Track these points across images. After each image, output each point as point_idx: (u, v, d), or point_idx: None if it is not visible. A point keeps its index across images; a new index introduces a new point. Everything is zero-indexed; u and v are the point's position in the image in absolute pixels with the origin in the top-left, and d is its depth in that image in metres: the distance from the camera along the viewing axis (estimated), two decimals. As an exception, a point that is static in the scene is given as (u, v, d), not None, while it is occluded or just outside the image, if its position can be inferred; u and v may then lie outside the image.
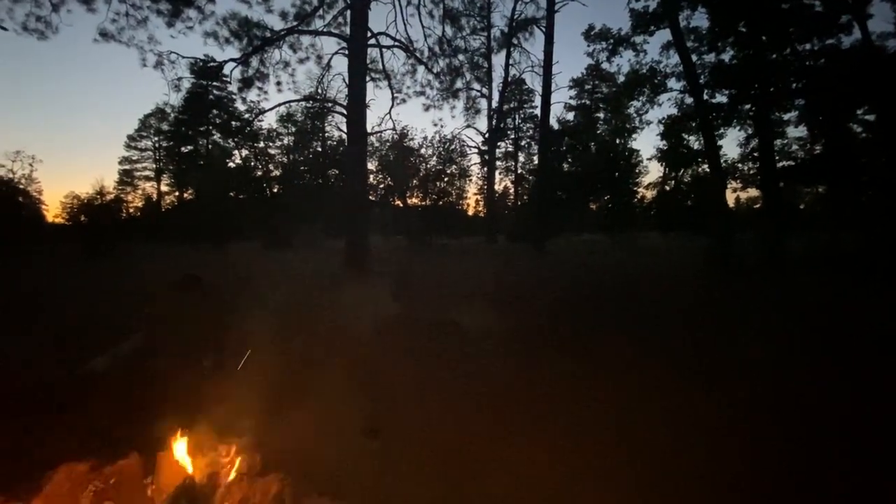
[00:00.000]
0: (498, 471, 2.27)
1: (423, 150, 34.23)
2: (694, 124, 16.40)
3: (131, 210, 33.79)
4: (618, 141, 29.65)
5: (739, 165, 21.92)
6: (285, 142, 34.97)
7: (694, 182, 23.17)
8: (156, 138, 35.06)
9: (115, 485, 1.67)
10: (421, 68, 14.71)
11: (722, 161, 16.13)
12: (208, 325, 4.08)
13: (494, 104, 27.55)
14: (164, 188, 35.72)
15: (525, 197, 35.88)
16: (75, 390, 3.06)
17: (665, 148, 27.28)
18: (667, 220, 23.47)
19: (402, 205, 33.56)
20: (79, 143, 61.00)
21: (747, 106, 14.71)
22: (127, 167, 35.17)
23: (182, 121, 32.26)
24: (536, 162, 32.34)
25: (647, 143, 66.54)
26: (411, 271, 11.74)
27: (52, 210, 28.65)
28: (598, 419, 2.88)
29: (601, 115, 30.89)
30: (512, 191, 40.35)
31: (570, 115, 32.20)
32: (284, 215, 25.73)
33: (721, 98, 14.66)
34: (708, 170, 16.27)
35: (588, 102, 31.49)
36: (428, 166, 34.71)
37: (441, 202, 34.64)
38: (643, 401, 3.17)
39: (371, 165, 26.92)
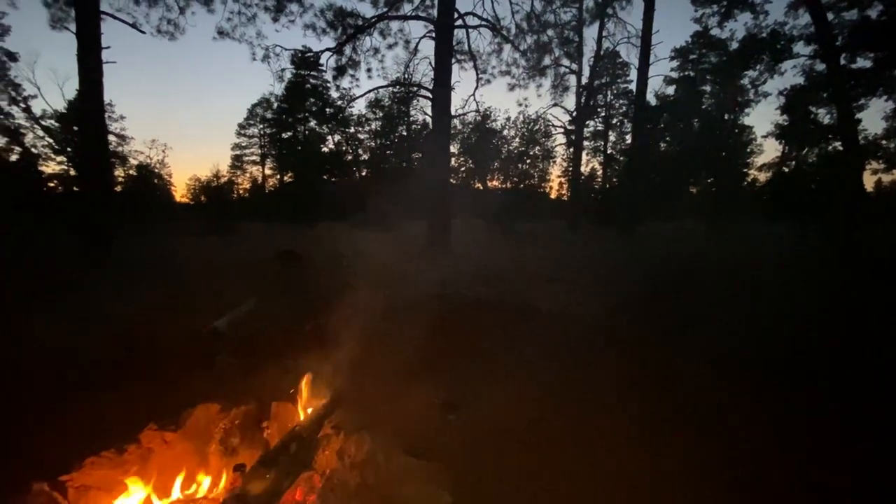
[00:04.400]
0: (572, 453, 2.26)
1: (505, 132, 33.72)
2: (825, 95, 14.06)
3: (241, 191, 37.81)
4: (726, 116, 26.50)
5: (884, 143, 18.46)
6: (373, 127, 36.52)
7: (821, 163, 20.02)
8: (261, 126, 38.50)
9: (238, 425, 1.95)
10: (507, 47, 14.37)
11: (860, 137, 13.70)
12: (307, 294, 4.50)
13: (584, 80, 26.03)
14: (267, 171, 39.35)
15: (614, 179, 33.77)
16: (203, 346, 3.58)
17: (786, 123, 23.88)
18: (784, 206, 20.60)
19: (482, 187, 33.53)
20: (201, 131, 69.22)
21: (898, 71, 12.30)
22: (237, 153, 39.17)
23: (283, 109, 35.06)
24: (629, 141, 30.19)
25: (762, 118, 58.58)
26: (491, 254, 11.75)
27: (179, 191, 33.02)
28: (682, 414, 2.71)
29: (707, 87, 27.72)
30: (600, 172, 38.20)
31: (671, 90, 29.36)
32: (371, 197, 27.04)
33: (863, 63, 12.40)
34: (841, 148, 13.94)
35: (692, 74, 28.34)
36: (510, 148, 34.15)
37: (522, 185, 33.99)
38: (735, 402, 2.91)
39: (453, 148, 27.15)
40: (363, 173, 35.45)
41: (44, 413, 2.49)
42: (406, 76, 15.85)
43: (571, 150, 30.94)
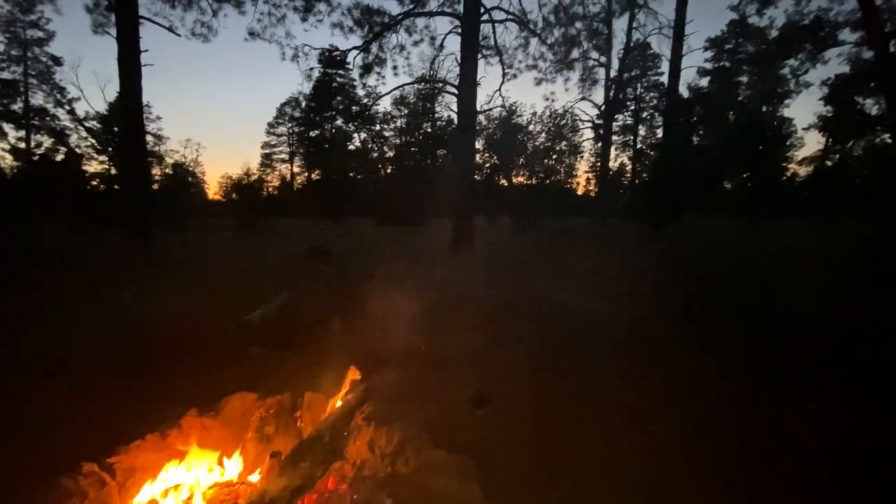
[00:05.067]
0: (601, 453, 2.22)
1: (531, 127, 33.29)
2: (872, 84, 13.26)
3: (270, 189, 38.75)
4: (764, 108, 25.39)
5: (938, 133, 17.24)
6: (398, 124, 36.73)
7: (868, 156, 18.91)
8: (289, 125, 39.35)
9: (273, 414, 2.00)
10: (534, 40, 14.16)
11: (912, 128, 12.84)
12: (335, 289, 4.58)
13: (613, 73, 25.42)
14: (295, 169, 40.19)
15: (644, 175, 32.88)
16: (237, 337, 3.69)
17: (830, 114, 22.68)
18: (827, 202, 19.56)
19: (507, 184, 33.26)
20: (232, 130, 71.36)
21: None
22: (267, 151, 40.15)
23: (311, 108, 35.73)
24: (660, 135, 29.35)
25: (804, 109, 55.55)
26: (515, 251, 11.66)
27: (212, 189, 34.11)
28: (709, 422, 2.62)
29: (744, 78, 26.60)
30: (629, 168, 37.25)
31: (704, 81, 28.36)
32: (396, 194, 27.26)
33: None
34: (889, 140, 13.13)
35: (728, 65, 27.26)
36: (536, 143, 33.72)
37: (549, 181, 33.52)
38: (778, 410, 2.79)
39: (478, 144, 26.99)
40: (388, 170, 35.73)
41: (91, 398, 2.63)
42: (431, 73, 15.85)
43: (599, 144, 30.24)
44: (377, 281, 5.33)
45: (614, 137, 33.11)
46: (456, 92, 12.24)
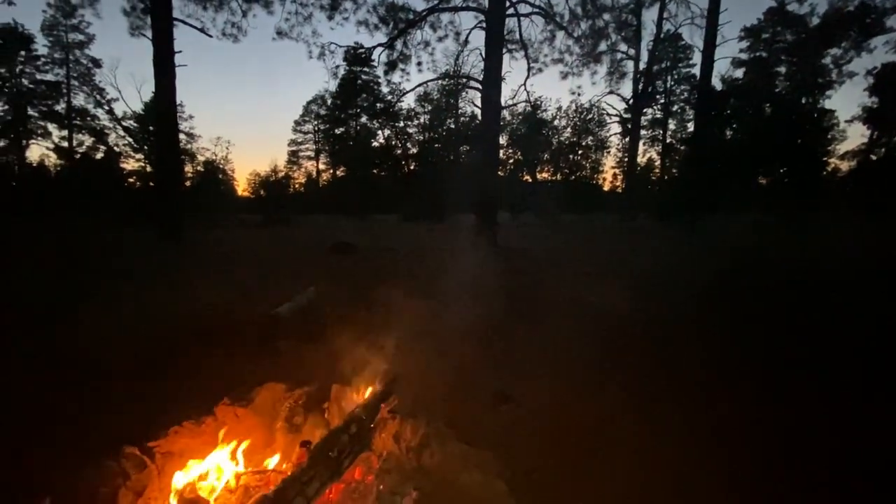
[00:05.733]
0: (621, 455, 2.19)
1: (556, 122, 32.82)
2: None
3: (297, 185, 39.54)
4: (804, 100, 24.21)
5: None
6: (422, 120, 36.84)
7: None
8: (315, 122, 40.01)
9: (302, 404, 2.05)
10: (560, 34, 13.95)
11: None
12: (361, 283, 4.64)
13: (642, 65, 24.75)
14: (321, 166, 40.86)
15: (674, 170, 31.96)
16: (266, 330, 3.79)
17: (876, 105, 21.46)
18: (871, 197, 18.54)
19: (531, 180, 32.93)
20: (261, 128, 73.16)
21: None
22: (293, 148, 40.97)
23: (336, 105, 36.22)
24: (691, 129, 28.44)
25: (846, 101, 52.67)
26: (539, 247, 11.55)
27: (241, 185, 35.03)
28: (746, 424, 2.53)
29: (782, 69, 25.41)
30: (658, 163, 36.25)
31: (739, 73, 27.23)
32: (419, 190, 27.39)
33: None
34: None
35: (764, 55, 26.11)
36: (561, 139, 33.23)
37: (574, 176, 33.02)
38: (806, 418, 2.67)
39: (502, 140, 26.80)
40: (412, 167, 35.91)
41: (130, 387, 2.75)
42: (455, 68, 15.82)
43: (627, 139, 29.60)
44: (401, 276, 5.38)
45: (643, 132, 32.36)
46: (480, 87, 12.17)
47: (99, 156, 25.73)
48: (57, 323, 4.05)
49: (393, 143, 37.00)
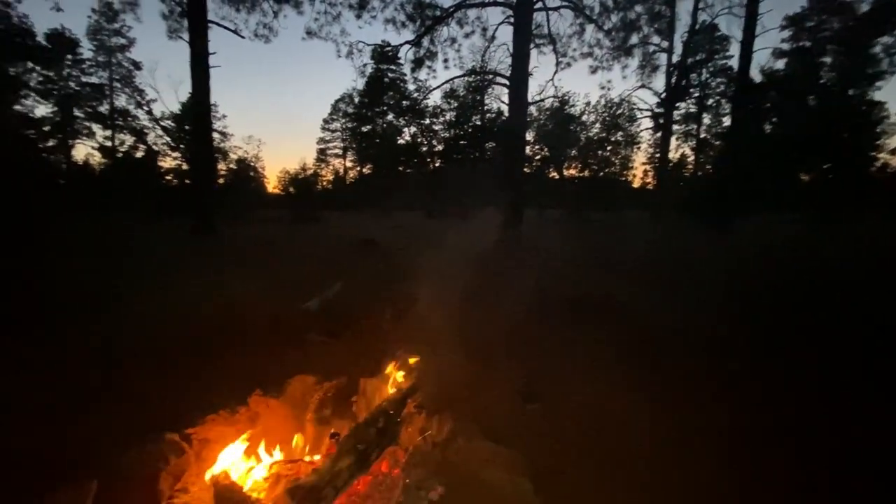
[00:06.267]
0: (651, 455, 2.15)
1: (584, 117, 32.16)
2: None
3: (325, 183, 40.24)
4: (851, 92, 22.90)
5: None
6: (447, 117, 36.82)
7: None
8: (343, 120, 40.56)
9: (331, 396, 2.09)
10: (590, 27, 13.66)
11: None
12: (386, 279, 4.69)
13: (676, 58, 23.95)
14: (348, 164, 41.45)
15: (708, 167, 30.85)
16: (296, 324, 3.88)
17: (931, 96, 20.05)
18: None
19: (558, 176, 32.43)
20: (291, 126, 74.80)
21: None
22: (322, 146, 41.68)
23: (363, 103, 36.64)
24: (727, 124, 27.36)
25: (897, 92, 49.37)
26: (565, 246, 11.37)
27: (271, 182, 35.86)
28: (779, 433, 2.42)
29: (827, 59, 24.07)
30: (691, 159, 35.06)
31: (780, 64, 25.95)
32: (444, 188, 27.42)
33: None
34: None
35: (808, 45, 24.79)
36: (589, 134, 32.56)
37: (602, 173, 32.32)
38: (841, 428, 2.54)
39: (528, 136, 26.47)
40: (437, 164, 35.98)
41: (167, 377, 2.87)
42: (482, 65, 15.72)
43: (658, 134, 28.71)
44: (426, 272, 5.39)
45: (675, 127, 31.30)
46: (507, 83, 12.06)
47: (139, 154, 26.89)
48: (101, 313, 4.27)
49: (418, 140, 37.16)
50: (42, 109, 23.15)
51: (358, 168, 40.34)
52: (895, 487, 1.96)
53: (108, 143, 27.77)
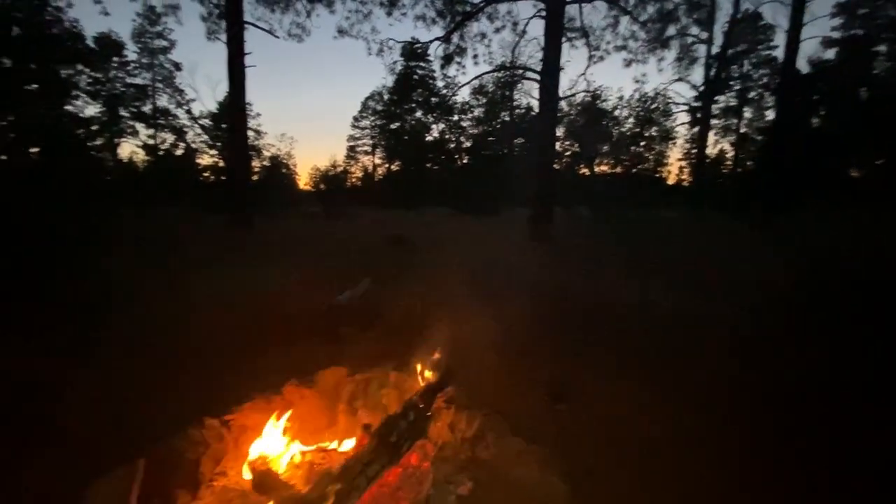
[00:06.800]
0: (686, 460, 2.10)
1: (617, 112, 31.32)
2: None
3: (354, 180, 40.81)
4: (909, 81, 21.30)
5: None
6: (475, 113, 36.62)
7: None
8: (372, 118, 40.94)
9: (362, 388, 2.13)
10: (625, 19, 13.26)
11: None
12: (414, 275, 4.73)
13: (715, 49, 22.93)
14: (377, 161, 41.86)
15: (748, 162, 29.46)
16: (327, 317, 3.96)
17: None
18: None
19: (589, 173, 31.75)
20: (321, 124, 76.35)
21: None
22: (352, 144, 42.21)
23: (392, 101, 36.90)
24: (771, 117, 26.07)
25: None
26: (595, 244, 11.13)
27: (302, 179, 36.65)
28: (823, 446, 2.29)
29: (882, 48, 22.49)
30: (730, 154, 33.55)
31: (830, 53, 24.43)
32: (472, 184, 27.34)
33: None
34: None
35: (861, 33, 23.26)
36: (622, 130, 31.70)
37: (635, 169, 31.44)
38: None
39: (558, 131, 25.98)
40: (465, 161, 35.88)
41: (203, 366, 2.99)
42: (512, 60, 15.51)
43: (695, 129, 27.65)
44: (453, 269, 5.41)
45: (714, 121, 30.04)
46: (538, 78, 11.87)
47: (178, 152, 28.04)
48: (145, 304, 4.48)
49: (447, 136, 37.14)
50: (90, 110, 24.44)
51: (386, 165, 40.70)
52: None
53: (151, 142, 29.07)
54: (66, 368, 2.87)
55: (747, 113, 31.48)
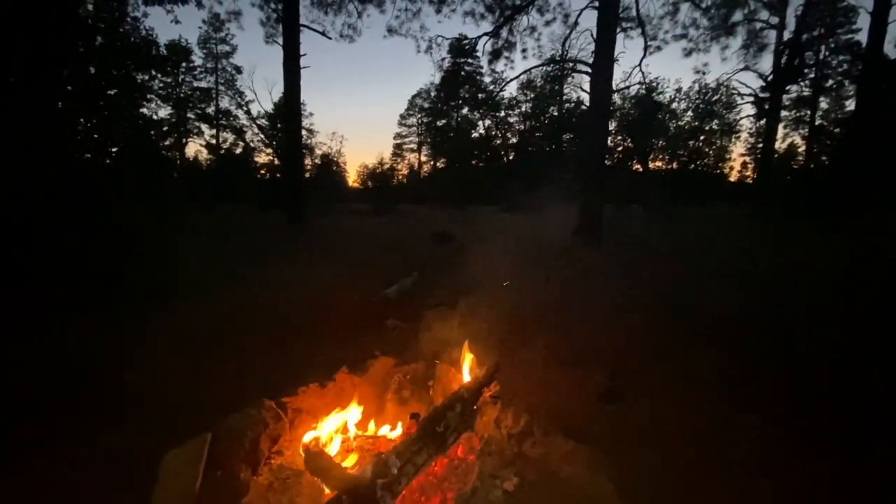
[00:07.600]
0: (741, 472, 1.97)
1: (674, 105, 29.76)
2: None
3: (400, 177, 41.53)
4: None
5: None
6: (523, 109, 36.11)
7: None
8: (419, 115, 41.48)
9: (409, 380, 2.17)
10: (685, 6, 12.56)
11: None
12: (459, 271, 4.74)
13: (787, 35, 21.13)
14: (423, 158, 42.35)
15: (824, 157, 27.01)
16: (376, 310, 4.08)
17: None
18: None
19: (642, 169, 30.43)
20: (370, 123, 78.30)
21: None
22: (398, 141, 43.01)
23: (439, 98, 37.14)
24: (851, 108, 23.76)
25: None
26: (647, 243, 10.65)
27: (351, 176, 37.83)
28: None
29: None
30: (801, 149, 30.96)
31: (923, 35, 21.84)
32: (518, 181, 26.97)
33: None
34: None
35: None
36: (679, 123, 30.09)
37: (693, 165, 29.78)
38: None
39: (611, 126, 25.07)
40: (510, 157, 35.48)
41: (261, 353, 3.17)
42: (562, 53, 15.14)
43: (762, 122, 25.72)
44: (501, 266, 5.36)
45: (784, 113, 27.80)
46: (589, 71, 11.49)
47: (238, 151, 29.78)
48: (212, 294, 4.81)
49: (493, 133, 36.89)
50: (162, 112, 26.45)
51: (432, 162, 41.05)
52: None
53: (213, 141, 31.05)
54: (134, 347, 3.15)
55: (823, 103, 28.87)
